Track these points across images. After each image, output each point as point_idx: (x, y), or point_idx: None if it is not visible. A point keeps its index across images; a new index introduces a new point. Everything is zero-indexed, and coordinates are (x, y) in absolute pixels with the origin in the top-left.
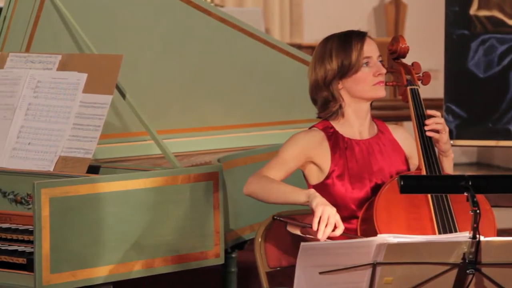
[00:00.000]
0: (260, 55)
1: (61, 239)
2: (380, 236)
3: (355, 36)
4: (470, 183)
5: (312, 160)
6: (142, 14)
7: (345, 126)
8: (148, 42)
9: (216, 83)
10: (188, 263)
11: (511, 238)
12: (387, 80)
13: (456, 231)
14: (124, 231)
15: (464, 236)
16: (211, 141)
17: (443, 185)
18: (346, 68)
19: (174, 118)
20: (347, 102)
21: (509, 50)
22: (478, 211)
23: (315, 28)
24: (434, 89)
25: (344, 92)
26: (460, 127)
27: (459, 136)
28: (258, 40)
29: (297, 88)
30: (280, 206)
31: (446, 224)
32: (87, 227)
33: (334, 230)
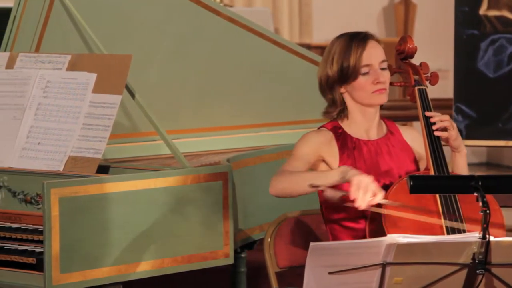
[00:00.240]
0: (269, 55)
1: (70, 239)
2: (389, 236)
3: (356, 41)
4: (480, 183)
5: (323, 158)
6: (152, 14)
7: (352, 126)
8: (157, 42)
9: (225, 83)
10: (197, 263)
11: None
12: (395, 81)
13: (464, 232)
14: (133, 231)
15: (474, 236)
16: (220, 141)
17: (453, 185)
18: (345, 75)
19: (184, 118)
20: (351, 105)
21: None
22: (488, 211)
23: (324, 28)
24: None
25: (347, 96)
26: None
27: (469, 136)
28: (267, 40)
29: (306, 88)
30: (290, 204)
31: (454, 225)
32: (96, 227)
33: (373, 197)
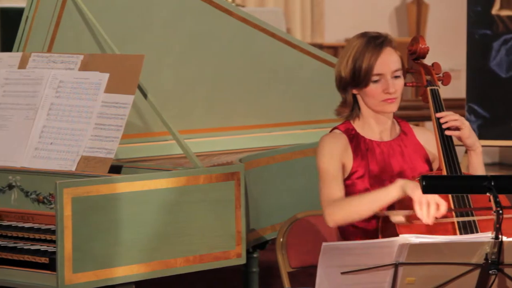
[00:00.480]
0: (281, 55)
1: (83, 239)
2: (402, 236)
3: (372, 47)
4: (493, 183)
5: (343, 163)
6: (164, 14)
7: (365, 128)
8: (170, 42)
9: (237, 83)
10: (209, 263)
11: None
12: (407, 81)
13: (477, 232)
14: (146, 231)
15: (486, 236)
16: (232, 141)
17: (466, 185)
18: (357, 79)
19: (196, 118)
20: (364, 106)
21: None
22: (501, 212)
23: (336, 28)
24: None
25: (359, 98)
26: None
27: (481, 136)
28: (279, 40)
29: (318, 88)
30: (302, 205)
31: (467, 225)
32: (109, 227)
33: (438, 209)
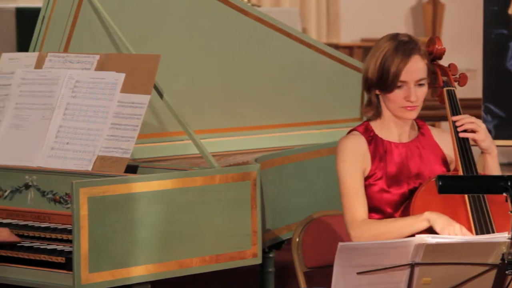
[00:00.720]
0: (297, 55)
1: (99, 239)
2: (418, 236)
3: (401, 54)
4: (509, 184)
5: (363, 168)
6: (180, 14)
7: (384, 129)
8: (185, 41)
9: (253, 83)
10: (225, 263)
11: None
12: None
13: (493, 232)
14: (162, 230)
15: (503, 236)
16: (248, 141)
17: (482, 185)
18: (383, 84)
19: (212, 118)
20: (385, 107)
21: None
22: None
23: (352, 28)
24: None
25: (381, 100)
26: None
27: (498, 136)
28: (295, 40)
29: (334, 88)
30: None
31: (483, 225)
32: (125, 227)
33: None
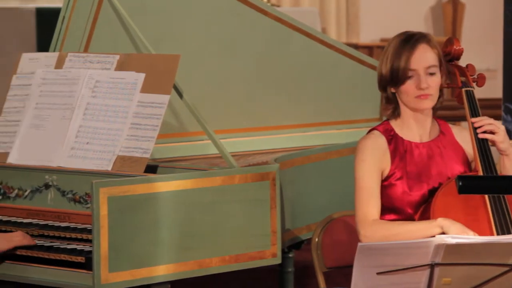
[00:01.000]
0: (316, 55)
1: (119, 238)
2: (438, 236)
3: (408, 45)
4: None
5: (381, 169)
6: (200, 14)
7: (404, 128)
8: (205, 41)
9: (273, 82)
10: (245, 263)
11: None
12: (442, 83)
13: None
14: (181, 230)
15: None
16: (268, 141)
17: (502, 185)
18: (395, 78)
19: (231, 118)
20: (403, 105)
21: None
22: None
23: (372, 28)
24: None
25: (398, 96)
26: None
27: None
28: (314, 40)
29: (354, 88)
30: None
31: (504, 225)
32: (145, 226)
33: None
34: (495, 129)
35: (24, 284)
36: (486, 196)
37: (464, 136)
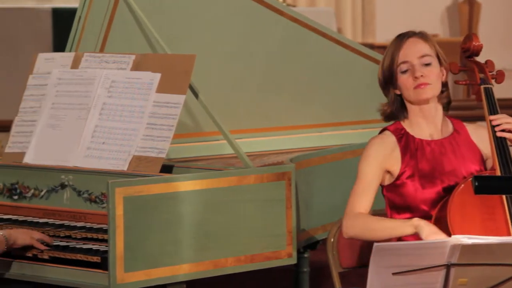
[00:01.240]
0: (332, 55)
1: (135, 238)
2: (454, 237)
3: (394, 42)
4: None
5: (386, 169)
6: (215, 14)
7: (413, 127)
8: (221, 41)
9: (289, 82)
10: (260, 263)
11: None
12: (460, 79)
13: None
14: (197, 230)
15: None
16: (283, 141)
17: None
18: (387, 76)
19: (247, 118)
20: (408, 104)
21: None
22: None
23: (388, 28)
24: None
25: (403, 96)
26: None
27: None
28: (330, 40)
29: (369, 88)
30: None
31: None
32: (160, 226)
33: None
34: None
35: (39, 284)
36: (504, 196)
37: (479, 135)
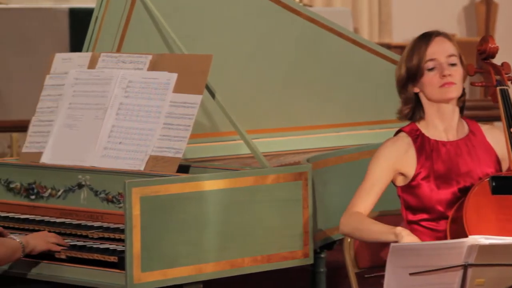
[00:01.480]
0: (349, 55)
1: (151, 238)
2: (471, 237)
3: (421, 39)
4: None
5: (399, 171)
6: (232, 14)
7: (429, 128)
8: (237, 41)
9: (305, 82)
10: (277, 263)
11: None
12: (476, 81)
13: None
14: (213, 230)
15: None
16: (300, 141)
17: None
18: (412, 73)
19: (264, 118)
20: (426, 104)
21: None
22: None
23: (404, 28)
24: None
25: (422, 95)
26: None
27: None
28: (347, 40)
29: (386, 88)
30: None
31: None
32: (177, 226)
33: None
34: None
35: (56, 284)
36: None
37: (494, 136)
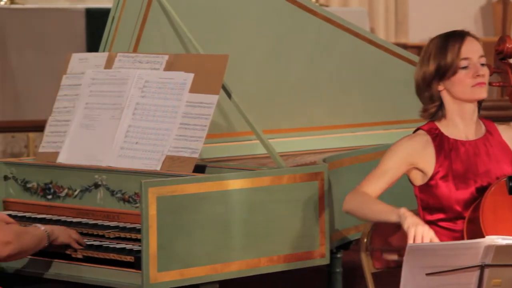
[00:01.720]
0: (365, 55)
1: (168, 238)
2: (488, 237)
3: (454, 37)
4: None
5: (415, 166)
6: (248, 14)
7: (450, 127)
8: (254, 42)
9: (322, 82)
10: (293, 263)
11: None
12: (493, 81)
13: None
14: (229, 230)
15: None
16: (316, 141)
17: None
18: (443, 70)
19: (280, 118)
20: (449, 103)
21: None
22: None
23: (421, 28)
24: None
25: (445, 93)
26: None
27: None
28: (363, 40)
29: (403, 88)
30: None
31: None
32: (193, 226)
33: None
34: None
35: (70, 284)
36: None
37: (511, 135)
